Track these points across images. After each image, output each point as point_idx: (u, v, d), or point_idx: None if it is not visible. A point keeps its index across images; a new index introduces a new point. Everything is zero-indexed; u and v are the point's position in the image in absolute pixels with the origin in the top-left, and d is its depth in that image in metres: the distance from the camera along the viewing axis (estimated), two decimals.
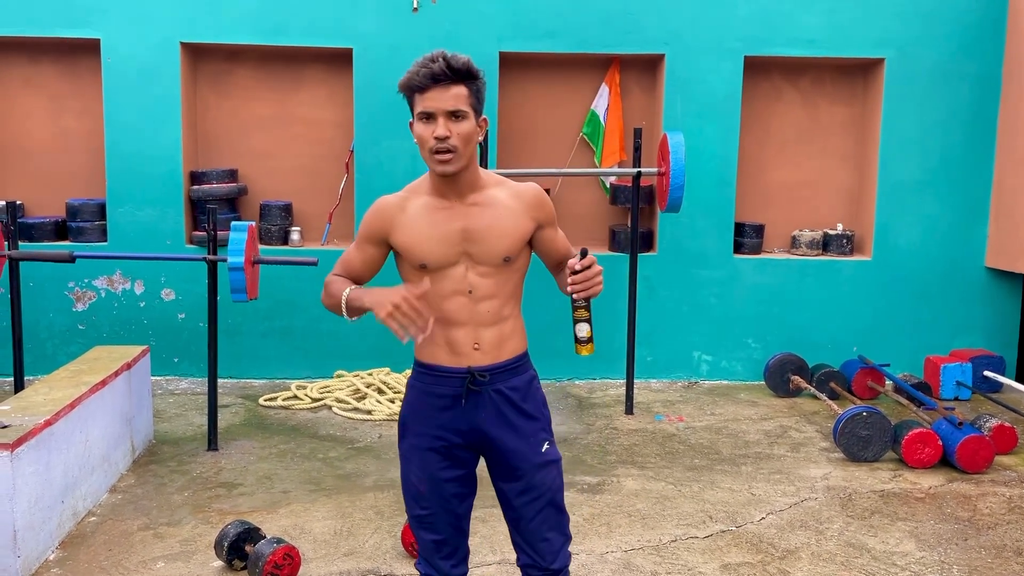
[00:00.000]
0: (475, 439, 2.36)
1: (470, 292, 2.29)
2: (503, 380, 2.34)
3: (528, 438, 2.36)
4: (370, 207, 2.38)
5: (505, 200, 2.32)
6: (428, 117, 2.19)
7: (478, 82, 2.23)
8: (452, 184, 2.27)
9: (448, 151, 2.18)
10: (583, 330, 2.28)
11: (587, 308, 2.27)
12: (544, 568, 2.40)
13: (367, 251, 2.40)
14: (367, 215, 2.37)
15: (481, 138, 2.28)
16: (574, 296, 2.23)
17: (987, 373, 6.26)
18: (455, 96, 2.18)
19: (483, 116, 2.29)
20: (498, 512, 3.52)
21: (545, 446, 2.39)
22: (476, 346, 2.31)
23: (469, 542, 2.52)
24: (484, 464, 2.45)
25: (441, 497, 2.38)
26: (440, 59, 2.17)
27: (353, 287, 2.32)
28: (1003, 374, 6.31)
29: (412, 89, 2.21)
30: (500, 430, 2.34)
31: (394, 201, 2.34)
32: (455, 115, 2.18)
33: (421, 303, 2.13)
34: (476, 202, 2.30)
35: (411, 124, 2.27)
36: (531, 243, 2.40)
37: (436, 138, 2.17)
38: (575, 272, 2.20)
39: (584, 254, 2.21)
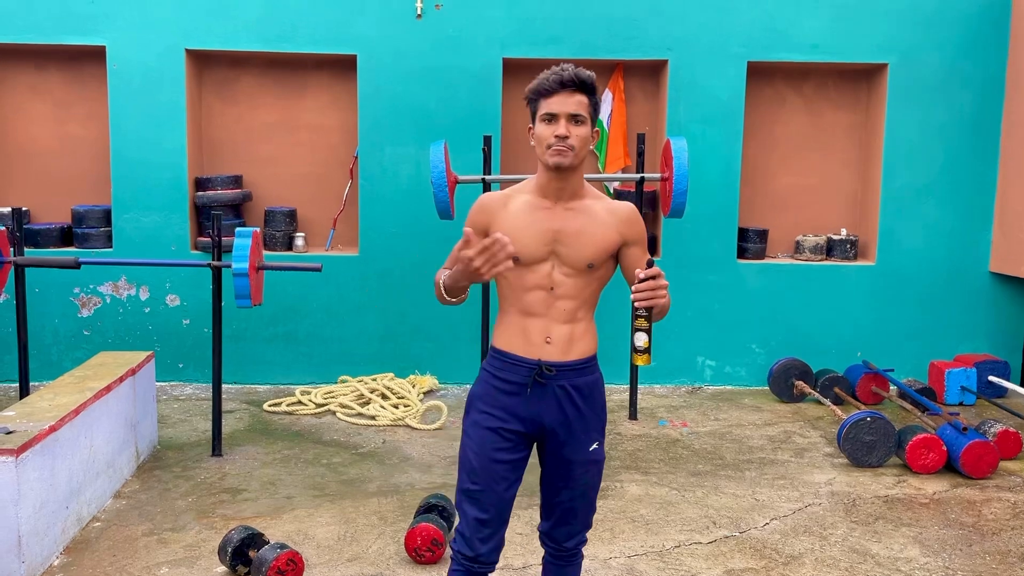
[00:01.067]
0: (533, 428, 2.50)
1: (551, 289, 2.45)
2: (569, 378, 2.48)
3: (581, 435, 2.51)
4: (475, 203, 2.53)
5: (599, 212, 2.48)
6: (551, 118, 2.37)
7: (596, 96, 2.43)
8: (557, 184, 2.43)
9: (566, 147, 2.36)
10: (640, 339, 2.34)
11: (647, 318, 2.32)
12: (558, 543, 2.61)
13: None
14: (472, 210, 2.52)
15: (592, 146, 2.47)
16: (636, 304, 2.29)
17: (992, 378, 6.25)
18: (578, 102, 2.37)
19: (596, 128, 2.46)
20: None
21: (594, 446, 2.54)
22: (548, 340, 2.46)
23: None
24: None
25: (492, 477, 2.49)
26: (570, 69, 2.37)
27: (444, 269, 2.47)
28: (1008, 379, 6.29)
29: (539, 93, 2.39)
30: (557, 423, 2.49)
31: (497, 197, 2.51)
32: (576, 119, 2.37)
33: (490, 239, 2.20)
34: (572, 208, 2.46)
35: (530, 130, 2.45)
36: (618, 258, 2.53)
37: (557, 136, 2.35)
38: (640, 280, 2.29)
39: (650, 264, 2.30)
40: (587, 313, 2.53)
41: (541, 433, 2.52)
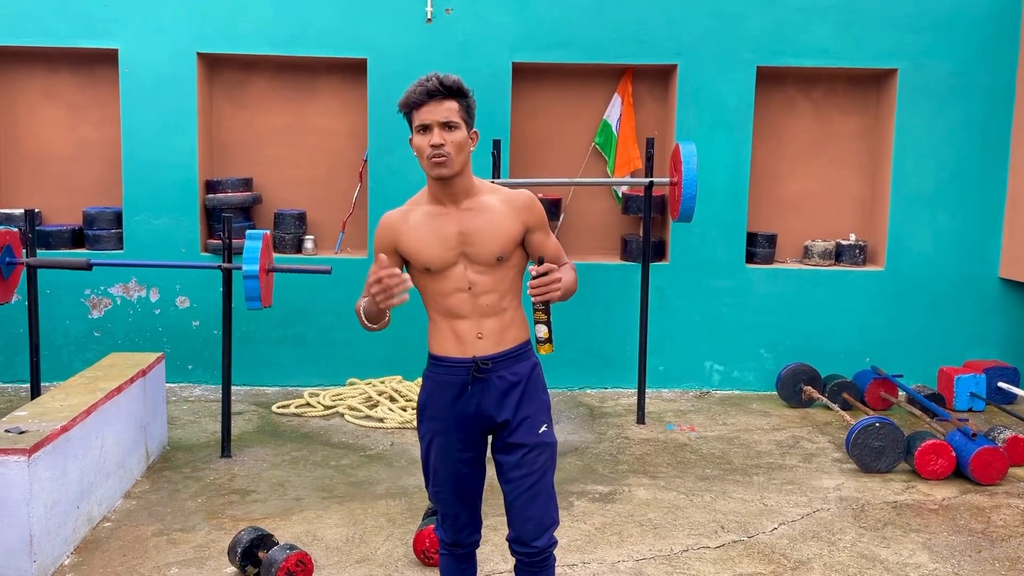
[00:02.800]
0: (482, 422, 2.59)
1: (470, 288, 2.53)
2: (506, 367, 2.57)
3: (527, 418, 2.57)
4: (378, 224, 2.63)
5: (497, 205, 2.55)
6: (425, 129, 2.45)
7: (468, 99, 2.52)
8: (448, 190, 2.51)
9: (443, 156, 2.43)
10: (541, 331, 2.51)
11: (545, 311, 2.48)
12: (526, 544, 2.58)
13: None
14: (377, 231, 2.62)
15: (472, 148, 2.55)
16: (533, 300, 2.42)
17: (1001, 384, 6.23)
18: (447, 109, 2.45)
19: (474, 129, 2.55)
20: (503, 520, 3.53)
21: (542, 428, 2.59)
22: (480, 336, 2.54)
23: (480, 550, 2.67)
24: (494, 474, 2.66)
25: (453, 476, 2.63)
26: (433, 78, 2.47)
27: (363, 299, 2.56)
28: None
29: (410, 106, 2.48)
30: (502, 411, 2.56)
31: (396, 215, 2.60)
32: (448, 126, 2.45)
33: (384, 272, 2.32)
34: (470, 207, 2.53)
35: (411, 140, 2.51)
36: (524, 245, 2.60)
37: (432, 146, 2.43)
38: (533, 278, 2.40)
39: (540, 262, 2.42)
40: (512, 301, 2.59)
41: (491, 425, 2.59)
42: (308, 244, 6.63)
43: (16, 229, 4.99)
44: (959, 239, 6.62)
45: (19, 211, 6.35)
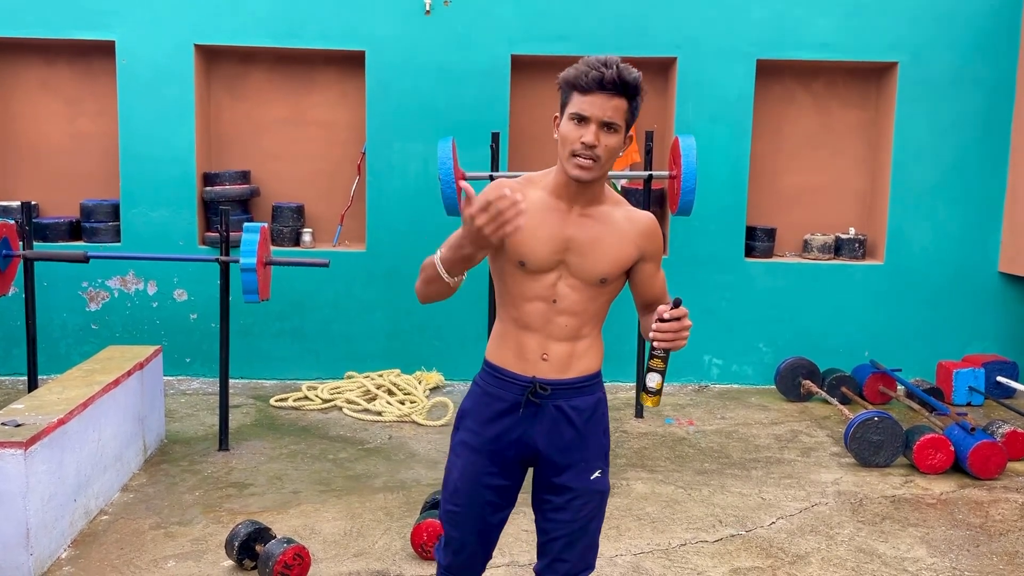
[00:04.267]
0: (526, 451, 2.29)
1: (554, 301, 2.22)
2: (566, 398, 2.27)
3: (580, 462, 2.29)
4: (487, 186, 2.11)
5: (618, 220, 2.24)
6: (581, 120, 2.10)
7: (639, 98, 2.15)
8: (576, 190, 2.19)
9: (592, 159, 2.11)
10: (653, 380, 2.21)
11: (664, 360, 2.19)
12: None
13: None
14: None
15: (622, 154, 2.25)
16: (655, 344, 2.14)
17: (1000, 379, 6.22)
18: (615, 107, 2.09)
19: (630, 132, 2.21)
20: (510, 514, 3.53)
21: (596, 474, 2.31)
22: (544, 356, 2.25)
23: None
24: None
25: (476, 501, 2.31)
26: (614, 67, 2.07)
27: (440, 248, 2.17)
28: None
29: (574, 87, 2.11)
30: (552, 447, 2.28)
31: (513, 185, 2.17)
32: (609, 126, 2.10)
33: (496, 194, 1.92)
34: (589, 214, 2.22)
35: (555, 119, 2.20)
36: (629, 272, 2.31)
37: (584, 143, 2.09)
38: (663, 320, 2.10)
39: (677, 304, 2.11)
40: (593, 329, 2.30)
41: (535, 457, 2.30)
42: (306, 237, 6.62)
43: (13, 221, 4.98)
44: (959, 233, 6.62)
45: (16, 203, 6.33)
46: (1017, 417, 5.82)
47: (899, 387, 6.17)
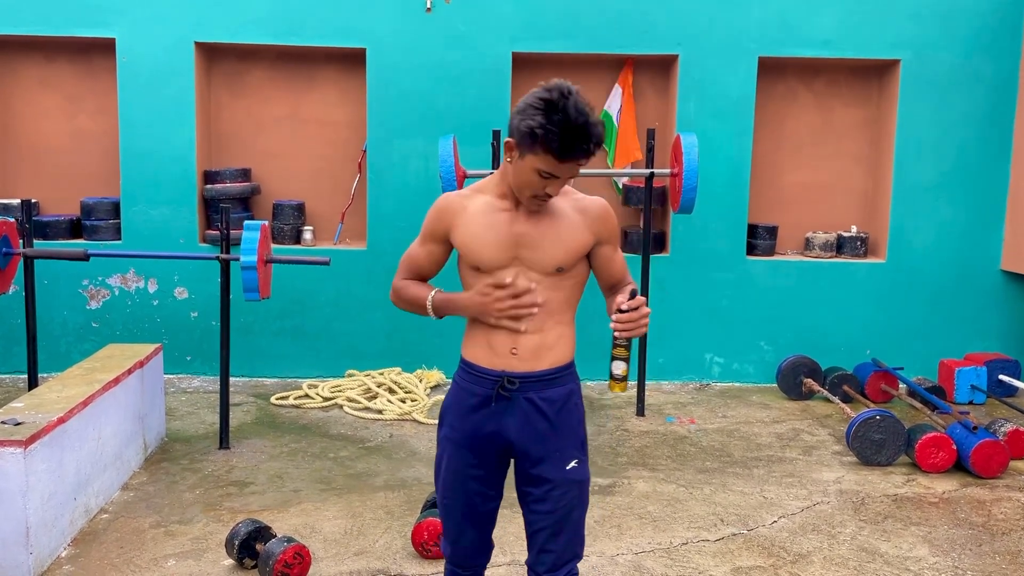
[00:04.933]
0: (501, 443, 2.35)
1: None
2: (537, 390, 2.32)
3: (554, 452, 2.33)
4: (433, 204, 2.37)
5: (567, 210, 2.31)
6: (550, 176, 2.17)
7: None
8: None
9: (545, 200, 2.24)
10: (619, 368, 2.29)
11: (627, 347, 2.27)
12: (540, 574, 2.38)
13: (431, 248, 2.43)
14: (430, 212, 2.37)
15: None
16: (616, 333, 2.21)
17: (1002, 377, 6.21)
18: (580, 166, 2.19)
19: None
20: (510, 513, 3.52)
21: (572, 463, 2.34)
22: (514, 351, 2.31)
23: None
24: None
25: (463, 491, 2.40)
26: (594, 139, 2.12)
27: (436, 291, 2.38)
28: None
29: (548, 151, 2.12)
30: (526, 439, 2.33)
31: (456, 199, 2.35)
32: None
33: (521, 291, 2.21)
34: (537, 208, 2.28)
35: (509, 145, 2.21)
36: (588, 258, 2.37)
37: (548, 193, 2.21)
38: (621, 311, 2.19)
39: (634, 295, 2.20)
40: (561, 319, 2.34)
41: (511, 450, 2.36)
42: (307, 235, 6.61)
43: (13, 219, 4.97)
44: (961, 231, 6.60)
45: (16, 201, 6.32)
46: (1019, 415, 5.80)
47: (901, 385, 6.16)
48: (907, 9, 6.41)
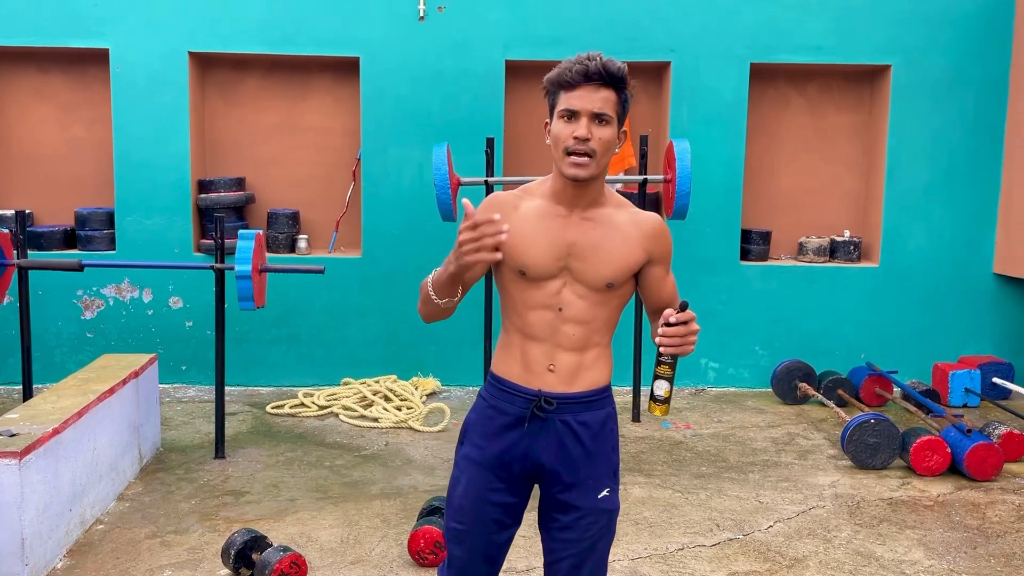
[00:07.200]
0: (531, 467, 2.20)
1: (560, 310, 2.15)
2: (573, 412, 2.18)
3: (587, 480, 2.20)
4: (482, 202, 2.21)
5: (622, 223, 2.17)
6: (571, 115, 2.06)
7: (628, 90, 2.10)
8: (574, 192, 2.13)
9: (586, 154, 2.06)
10: (661, 388, 2.11)
11: (672, 366, 2.09)
12: None
13: None
14: (479, 212, 2.09)
15: (618, 150, 2.15)
16: (661, 350, 2.06)
17: (996, 380, 6.24)
18: (604, 98, 2.04)
19: (624, 128, 2.15)
20: None
21: (604, 492, 2.21)
22: (551, 368, 2.16)
23: None
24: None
25: (480, 519, 2.22)
26: (597, 59, 2.04)
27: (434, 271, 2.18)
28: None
29: (560, 85, 2.07)
30: (558, 463, 2.19)
31: (507, 198, 2.20)
32: (600, 118, 2.05)
33: (482, 216, 1.93)
34: (591, 217, 2.15)
35: (546, 125, 2.16)
36: (637, 276, 2.23)
37: (576, 137, 2.04)
38: (669, 324, 2.03)
39: (684, 307, 2.03)
40: (602, 338, 2.20)
41: (541, 474, 2.21)
42: (301, 244, 6.61)
43: (7, 230, 4.96)
44: (953, 235, 6.63)
45: (10, 212, 6.31)
46: (1013, 418, 5.82)
47: (895, 389, 6.17)
48: (897, 15, 6.45)
